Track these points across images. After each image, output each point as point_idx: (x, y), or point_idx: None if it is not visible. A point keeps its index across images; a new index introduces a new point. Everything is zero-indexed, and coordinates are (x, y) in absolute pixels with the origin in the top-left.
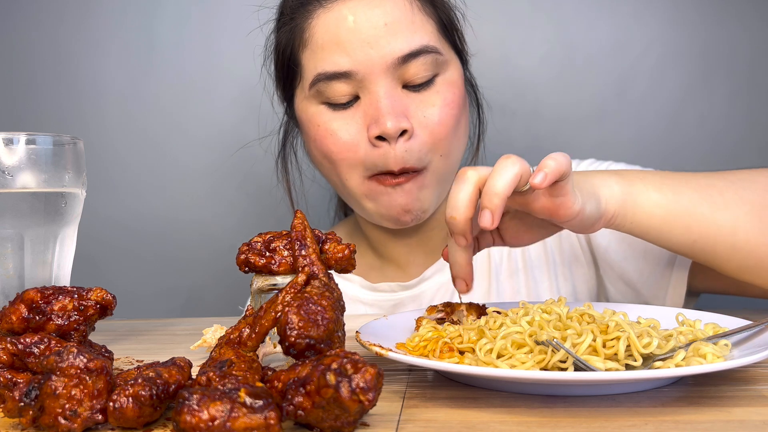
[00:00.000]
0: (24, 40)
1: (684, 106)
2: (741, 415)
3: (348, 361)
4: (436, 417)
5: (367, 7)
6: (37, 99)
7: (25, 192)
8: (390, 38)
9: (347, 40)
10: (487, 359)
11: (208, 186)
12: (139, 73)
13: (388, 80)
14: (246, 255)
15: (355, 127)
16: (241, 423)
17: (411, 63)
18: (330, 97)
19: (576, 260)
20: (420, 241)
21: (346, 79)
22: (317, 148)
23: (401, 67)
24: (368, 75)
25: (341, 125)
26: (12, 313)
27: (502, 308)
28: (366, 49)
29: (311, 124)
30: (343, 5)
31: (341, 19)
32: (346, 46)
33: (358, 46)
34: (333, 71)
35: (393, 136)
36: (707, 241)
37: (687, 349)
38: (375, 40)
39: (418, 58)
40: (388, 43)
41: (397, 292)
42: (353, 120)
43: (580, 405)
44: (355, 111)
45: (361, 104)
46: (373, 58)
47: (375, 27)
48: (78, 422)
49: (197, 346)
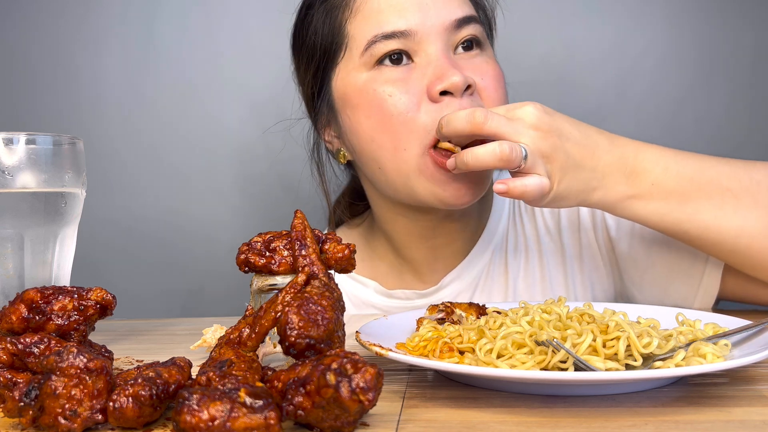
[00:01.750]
0: (24, 40)
1: (684, 106)
2: (741, 415)
3: (348, 361)
4: (436, 417)
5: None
6: (36, 99)
7: (25, 192)
8: (445, 3)
9: (404, 2)
10: (487, 359)
11: (208, 186)
12: (139, 73)
13: (443, 43)
14: (246, 255)
15: (414, 88)
16: (241, 423)
17: (464, 29)
18: (386, 53)
19: (596, 269)
20: (446, 242)
21: (403, 39)
22: (372, 117)
23: (456, 32)
24: (426, 36)
25: (398, 87)
26: (12, 313)
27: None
28: (424, 11)
29: (364, 92)
30: None
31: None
32: (403, 8)
33: (416, 7)
34: (391, 30)
35: (461, 88)
36: (705, 242)
37: (687, 349)
38: (432, 2)
39: (470, 25)
40: (445, 6)
41: (413, 300)
42: (410, 82)
43: (580, 405)
44: (410, 72)
45: (417, 66)
46: (430, 20)
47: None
48: (78, 422)
49: (197, 346)
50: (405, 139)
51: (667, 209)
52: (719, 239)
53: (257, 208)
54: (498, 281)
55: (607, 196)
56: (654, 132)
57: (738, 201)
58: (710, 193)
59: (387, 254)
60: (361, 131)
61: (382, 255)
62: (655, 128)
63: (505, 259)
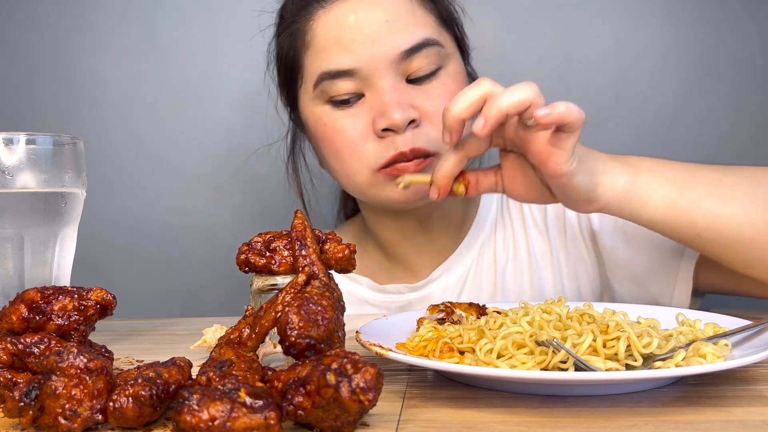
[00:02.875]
0: (24, 40)
1: (684, 107)
2: (741, 415)
3: (348, 361)
4: (436, 417)
5: (368, 5)
6: (36, 99)
7: (25, 192)
8: (392, 34)
9: (349, 39)
10: (487, 359)
11: (208, 186)
12: (139, 74)
13: (392, 75)
14: (246, 255)
15: (361, 123)
16: (241, 423)
17: (414, 57)
18: (334, 95)
19: (581, 260)
20: (428, 240)
21: (350, 77)
22: (326, 147)
23: (404, 62)
24: (372, 72)
25: (348, 123)
26: (12, 313)
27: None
28: (369, 47)
29: (318, 124)
30: (343, 5)
31: (342, 19)
32: (348, 45)
33: (360, 44)
34: (336, 69)
35: (401, 126)
36: (712, 234)
37: (687, 349)
38: (377, 37)
39: (420, 52)
40: (391, 39)
41: (405, 294)
42: (359, 117)
43: (580, 405)
44: (360, 108)
45: (366, 101)
46: (376, 55)
47: (377, 24)
48: (78, 422)
49: (197, 346)
50: (354, 167)
51: (673, 195)
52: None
53: (257, 208)
54: (487, 274)
55: (615, 182)
56: (654, 132)
57: (735, 192)
58: (707, 183)
59: (376, 251)
60: (321, 155)
61: (372, 252)
62: (655, 128)
63: (494, 252)
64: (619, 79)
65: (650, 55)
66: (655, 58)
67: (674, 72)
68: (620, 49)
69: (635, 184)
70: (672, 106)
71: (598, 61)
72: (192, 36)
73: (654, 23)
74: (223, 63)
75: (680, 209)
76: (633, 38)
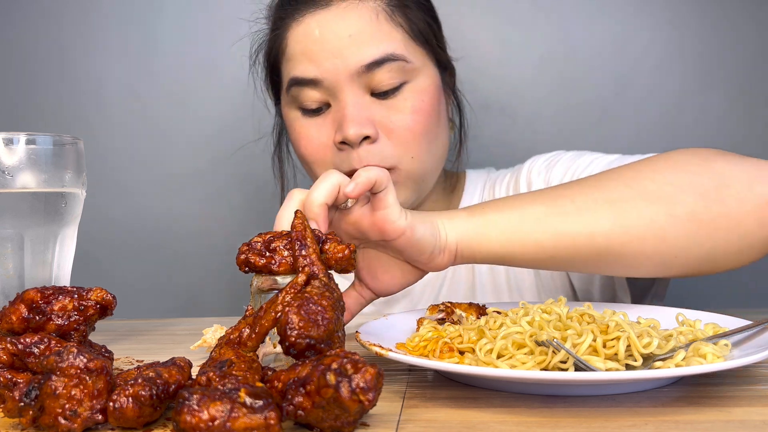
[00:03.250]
0: (24, 40)
1: (684, 106)
2: (741, 415)
3: (348, 361)
4: (436, 417)
5: (333, 20)
6: (37, 99)
7: (25, 192)
8: (354, 48)
9: (314, 51)
10: (487, 359)
11: (208, 186)
12: (139, 74)
13: (354, 88)
14: (246, 255)
15: (325, 132)
16: (241, 423)
17: (376, 71)
18: (303, 102)
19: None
20: None
21: (315, 87)
22: (296, 150)
23: (367, 75)
24: (335, 83)
25: (313, 130)
26: (12, 313)
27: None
28: (331, 59)
29: (291, 128)
30: (312, 19)
31: (309, 32)
32: (313, 57)
33: (324, 56)
34: (302, 77)
35: (354, 141)
36: (566, 251)
37: (687, 349)
38: (339, 51)
39: (382, 66)
40: (352, 54)
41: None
42: (324, 125)
43: (580, 405)
44: (325, 117)
45: (331, 111)
46: (338, 67)
47: (340, 38)
48: (78, 422)
49: (197, 346)
50: (319, 171)
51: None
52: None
53: (257, 208)
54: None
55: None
56: (654, 132)
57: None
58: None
59: None
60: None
61: None
62: (655, 128)
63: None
64: (619, 79)
65: (650, 55)
66: (655, 58)
67: (674, 72)
68: (620, 49)
69: (475, 220)
70: (672, 106)
71: (598, 61)
72: (192, 36)
73: (654, 23)
74: (223, 63)
75: (523, 233)
76: (633, 38)
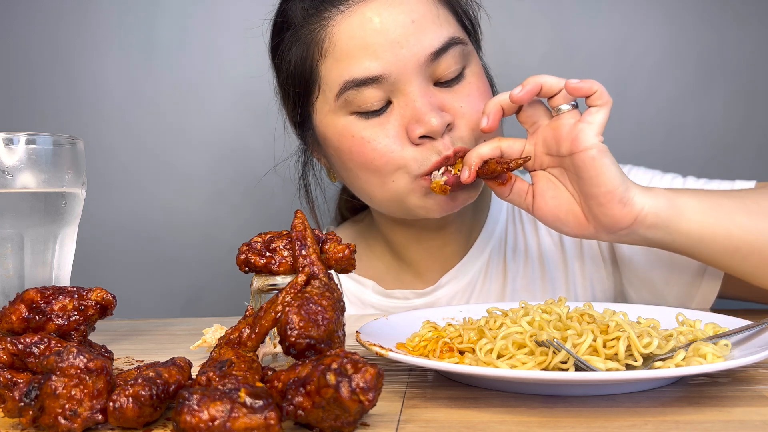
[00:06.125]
0: (23, 40)
1: (683, 106)
2: (741, 415)
3: (348, 361)
4: (436, 417)
5: (391, 6)
6: (36, 99)
7: (25, 192)
8: (420, 35)
9: (376, 43)
10: (487, 359)
11: (208, 186)
12: (139, 74)
13: (421, 79)
14: (246, 255)
15: (393, 131)
16: (241, 423)
17: (442, 58)
18: (361, 105)
19: (596, 267)
20: (441, 245)
21: (377, 84)
22: (354, 160)
23: (432, 64)
24: (401, 76)
25: (377, 132)
26: (12, 313)
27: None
28: (397, 50)
29: (344, 136)
30: (365, 7)
31: (366, 22)
32: (375, 49)
33: (388, 47)
34: (363, 77)
35: (439, 131)
36: (749, 248)
37: (687, 349)
38: (405, 39)
39: (448, 52)
40: (419, 41)
41: (411, 300)
42: (389, 125)
43: (580, 405)
44: (388, 116)
45: (395, 108)
46: (405, 58)
47: (403, 26)
48: (78, 422)
49: (197, 346)
50: (391, 173)
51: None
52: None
53: (257, 208)
54: (496, 281)
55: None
56: (654, 132)
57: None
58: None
59: (385, 254)
60: (345, 169)
61: (380, 255)
62: (655, 128)
63: (503, 259)
64: (619, 79)
65: (650, 55)
66: (655, 58)
67: (674, 72)
68: (620, 49)
69: (669, 198)
70: (672, 106)
71: (598, 61)
72: (192, 36)
73: (654, 23)
74: (223, 62)
75: (716, 220)
76: (633, 38)
